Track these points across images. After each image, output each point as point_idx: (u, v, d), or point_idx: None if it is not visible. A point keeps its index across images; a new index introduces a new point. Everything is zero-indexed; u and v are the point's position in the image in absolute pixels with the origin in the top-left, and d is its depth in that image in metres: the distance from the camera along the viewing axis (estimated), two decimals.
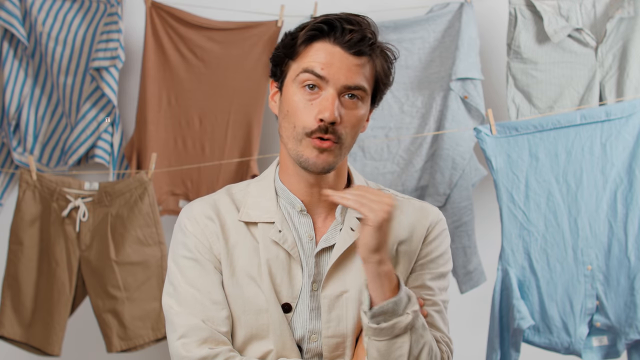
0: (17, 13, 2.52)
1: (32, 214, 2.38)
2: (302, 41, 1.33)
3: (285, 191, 1.40)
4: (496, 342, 2.20)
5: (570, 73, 2.43)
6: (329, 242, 1.38)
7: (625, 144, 2.18)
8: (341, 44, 1.32)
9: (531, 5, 2.45)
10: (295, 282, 1.36)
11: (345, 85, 1.32)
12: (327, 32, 1.32)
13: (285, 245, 1.36)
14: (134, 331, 2.36)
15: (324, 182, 1.38)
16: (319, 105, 1.31)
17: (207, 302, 1.34)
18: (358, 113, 1.34)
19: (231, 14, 2.58)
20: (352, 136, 1.35)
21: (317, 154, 1.32)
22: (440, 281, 1.43)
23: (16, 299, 2.38)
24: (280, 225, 1.37)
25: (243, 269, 1.37)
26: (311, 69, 1.31)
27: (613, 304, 2.18)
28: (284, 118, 1.35)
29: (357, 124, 1.35)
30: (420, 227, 1.43)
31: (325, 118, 1.30)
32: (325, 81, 1.31)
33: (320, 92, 1.32)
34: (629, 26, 2.39)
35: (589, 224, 2.19)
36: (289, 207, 1.40)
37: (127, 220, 2.37)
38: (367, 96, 1.36)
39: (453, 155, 2.44)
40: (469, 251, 2.46)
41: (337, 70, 1.31)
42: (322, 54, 1.32)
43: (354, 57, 1.32)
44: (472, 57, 2.46)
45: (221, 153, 2.57)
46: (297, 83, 1.33)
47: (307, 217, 1.39)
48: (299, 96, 1.33)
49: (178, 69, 2.56)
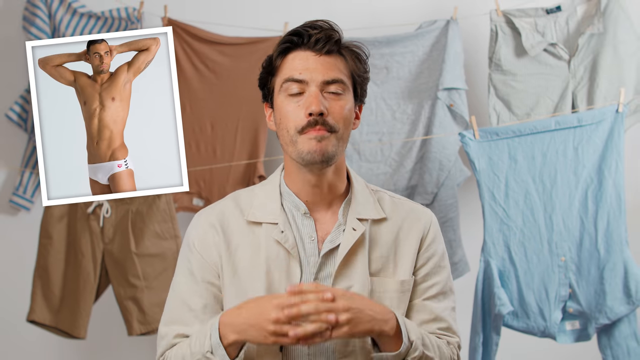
0: (46, 29, 2.56)
1: (60, 211, 2.40)
2: (277, 55, 1.37)
3: (290, 195, 1.40)
4: (479, 326, 2.24)
5: (545, 83, 2.45)
6: (334, 243, 1.37)
7: (595, 147, 2.22)
8: (311, 48, 1.34)
9: (510, 23, 2.48)
10: (292, 280, 1.35)
11: (323, 81, 1.33)
12: (297, 42, 1.35)
13: (286, 244, 1.35)
14: (152, 316, 2.38)
15: (325, 181, 1.38)
16: (305, 103, 1.33)
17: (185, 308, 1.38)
18: (343, 104, 1.35)
19: (240, 30, 2.62)
20: (343, 127, 1.35)
21: (316, 142, 1.32)
22: (448, 283, 1.43)
23: (46, 288, 2.40)
24: (283, 226, 1.37)
25: (245, 268, 1.37)
26: (291, 77, 1.34)
27: (584, 292, 2.22)
28: (279, 127, 1.37)
29: (344, 114, 1.35)
30: (415, 229, 1.42)
31: (313, 111, 1.31)
32: (306, 83, 1.33)
33: (304, 95, 1.34)
34: (599, 41, 2.41)
35: (562, 220, 2.23)
36: (293, 210, 1.40)
37: (146, 216, 2.39)
38: (348, 89, 1.37)
39: (440, 157, 2.46)
40: (454, 244, 2.48)
41: (313, 70, 1.33)
42: (297, 62, 1.35)
43: (325, 56, 1.35)
44: (457, 69, 2.48)
45: (231, 156, 2.59)
46: (282, 94, 1.36)
47: (309, 219, 1.39)
48: (286, 103, 1.35)
49: (192, 80, 2.58)
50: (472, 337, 2.27)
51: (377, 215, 1.41)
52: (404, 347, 1.28)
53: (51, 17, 2.59)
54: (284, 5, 2.71)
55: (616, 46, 2.41)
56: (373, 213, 1.41)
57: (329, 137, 1.33)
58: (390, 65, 2.54)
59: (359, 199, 1.42)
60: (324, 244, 1.37)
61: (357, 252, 1.37)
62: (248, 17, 2.67)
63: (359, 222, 1.38)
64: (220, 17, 2.66)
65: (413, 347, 1.29)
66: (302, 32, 1.35)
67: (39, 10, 2.57)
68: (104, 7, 2.62)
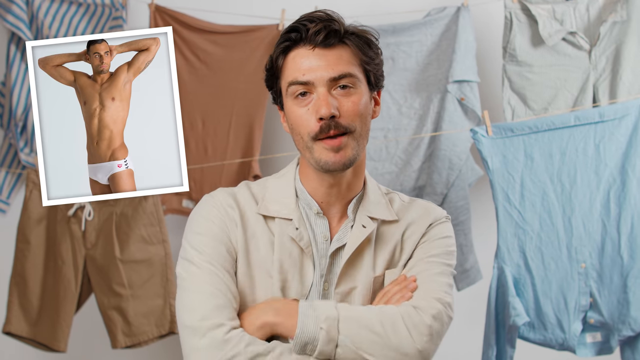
0: (24, 17, 2.53)
1: (39, 213, 2.39)
2: (277, 56, 1.36)
3: (304, 193, 1.41)
4: (492, 339, 2.21)
5: (564, 75, 2.44)
6: (341, 242, 1.39)
7: (618, 144, 2.19)
8: (312, 44, 1.33)
9: (526, 9, 2.46)
10: (306, 280, 1.37)
11: (330, 78, 1.32)
12: (295, 39, 1.34)
13: (301, 242, 1.37)
14: (138, 327, 2.37)
15: (344, 181, 1.40)
16: (314, 107, 1.32)
17: (221, 274, 1.34)
18: (356, 99, 1.34)
19: (233, 17, 2.60)
20: (361, 124, 1.34)
21: (334, 154, 1.32)
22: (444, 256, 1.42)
23: (23, 297, 2.39)
24: (297, 223, 1.38)
25: (258, 262, 1.38)
26: (295, 80, 1.33)
27: (606, 301, 2.19)
28: (292, 132, 1.37)
29: (359, 110, 1.34)
30: (423, 223, 1.44)
31: (323, 114, 1.30)
32: (312, 84, 1.33)
33: (312, 96, 1.33)
34: (622, 30, 2.40)
35: (582, 223, 2.20)
36: (306, 208, 1.41)
37: (132, 219, 2.38)
38: (359, 81, 1.36)
39: (450, 155, 2.45)
40: (466, 249, 2.47)
41: (317, 69, 1.32)
42: (298, 61, 1.34)
43: (327, 50, 1.33)
44: (468, 59, 2.47)
45: (223, 154, 2.58)
46: (289, 97, 1.35)
47: (323, 218, 1.41)
48: (295, 107, 1.34)
49: (181, 72, 2.56)
50: (485, 351, 2.24)
51: (390, 217, 1.43)
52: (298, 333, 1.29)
53: (29, 4, 2.58)
54: None
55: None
56: (385, 214, 1.43)
57: (346, 142, 1.33)
58: (396, 55, 2.54)
59: (371, 197, 1.44)
60: (332, 243, 1.40)
61: (363, 251, 1.39)
62: (242, 4, 2.67)
63: (369, 220, 1.40)
64: (212, 4, 2.64)
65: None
66: (299, 27, 1.35)
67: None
68: None
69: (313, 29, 1.32)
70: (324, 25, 1.33)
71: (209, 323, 1.29)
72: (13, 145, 2.61)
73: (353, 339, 1.29)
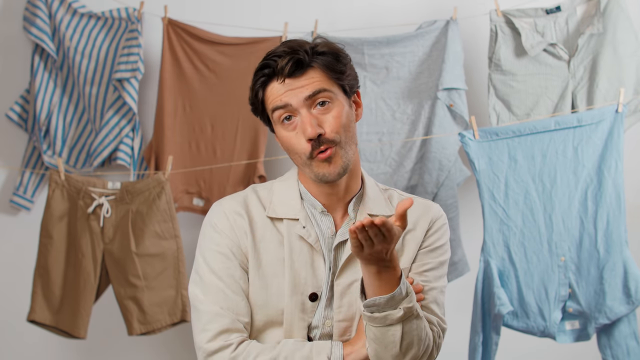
0: (47, 29, 2.57)
1: (61, 210, 2.41)
2: (257, 91, 1.39)
3: (307, 194, 1.43)
4: (479, 326, 2.25)
5: (545, 83, 2.45)
6: (344, 237, 1.40)
7: (595, 147, 2.23)
8: (285, 76, 1.35)
9: (510, 23, 2.48)
10: (319, 273, 1.39)
11: (306, 97, 1.34)
12: (270, 74, 1.36)
13: (309, 239, 1.39)
14: (152, 316, 2.39)
15: (342, 186, 1.41)
16: (300, 129, 1.35)
17: (229, 292, 1.36)
18: (336, 113, 1.36)
19: (240, 30, 2.62)
20: (345, 133, 1.36)
21: (328, 164, 1.35)
22: (439, 269, 1.44)
23: (46, 288, 2.40)
24: (304, 221, 1.40)
25: (269, 262, 1.39)
26: (276, 106, 1.36)
27: (584, 292, 2.23)
28: (289, 153, 1.40)
29: (342, 123, 1.36)
30: (423, 220, 1.44)
31: (310, 135, 1.33)
32: (292, 107, 1.35)
33: (296, 119, 1.36)
34: (599, 41, 2.42)
35: (562, 220, 2.24)
36: (311, 208, 1.43)
37: (146, 216, 2.40)
38: (335, 93, 1.37)
39: (440, 157, 2.47)
40: (454, 244, 2.47)
41: (293, 94, 1.35)
42: (276, 91, 1.36)
43: (298, 78, 1.35)
44: (457, 69, 2.48)
45: (231, 155, 2.59)
46: (277, 123, 1.38)
47: (328, 216, 1.42)
48: (284, 132, 1.37)
49: (192, 80, 2.59)
50: (472, 337, 2.28)
51: (389, 212, 1.44)
52: (398, 291, 1.28)
53: (51, 18, 2.60)
54: (285, 5, 2.71)
55: (616, 46, 2.41)
56: (385, 210, 1.44)
57: (335, 151, 1.35)
58: (390, 65, 2.55)
59: (370, 195, 1.45)
60: (335, 238, 1.41)
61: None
62: (248, 17, 2.68)
63: (370, 217, 1.40)
64: (220, 17, 2.66)
65: (408, 298, 1.30)
66: (269, 63, 1.37)
67: (39, 10, 2.57)
68: (104, 7, 2.62)
69: (280, 64, 1.34)
70: (289, 58, 1.34)
71: (217, 345, 1.34)
72: (37, 148, 2.65)
73: None
